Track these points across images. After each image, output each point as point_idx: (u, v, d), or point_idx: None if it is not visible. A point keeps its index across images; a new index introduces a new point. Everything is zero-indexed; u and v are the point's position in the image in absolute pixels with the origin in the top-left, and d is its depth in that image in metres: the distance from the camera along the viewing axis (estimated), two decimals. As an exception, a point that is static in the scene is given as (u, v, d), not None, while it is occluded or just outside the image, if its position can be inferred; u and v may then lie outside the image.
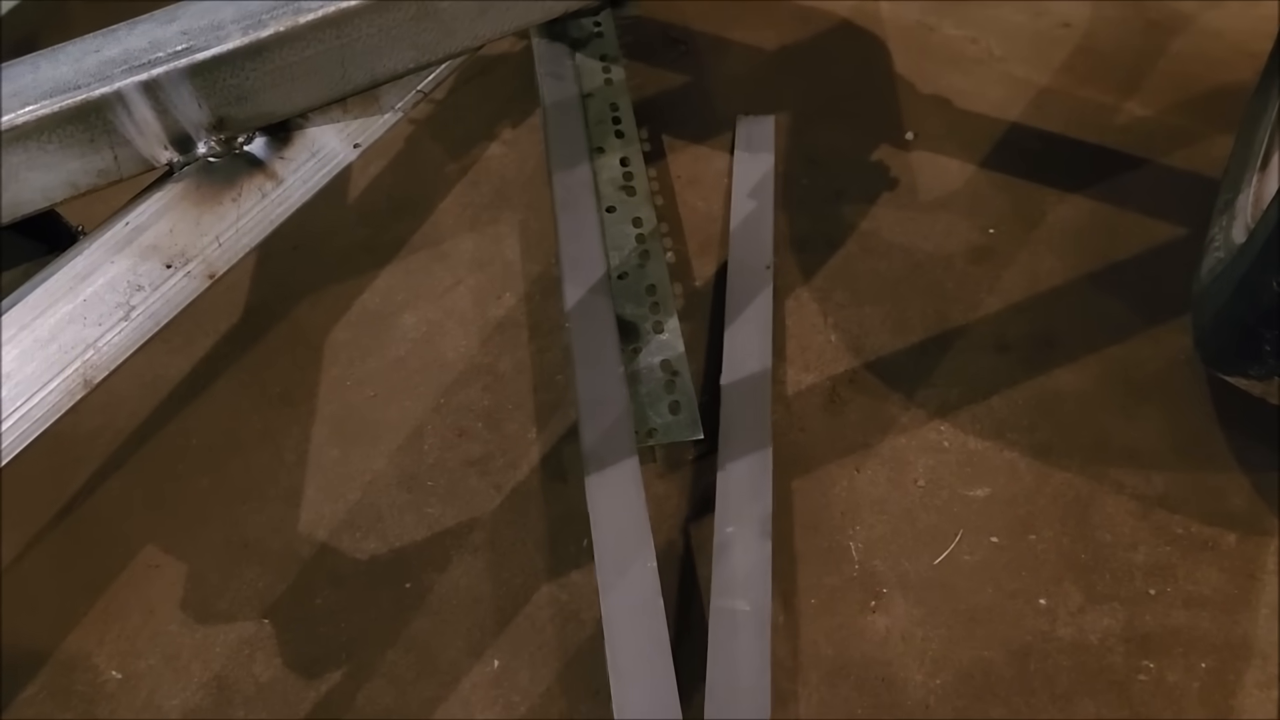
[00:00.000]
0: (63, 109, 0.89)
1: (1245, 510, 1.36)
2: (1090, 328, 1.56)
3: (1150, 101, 1.88)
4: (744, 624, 1.19)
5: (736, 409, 1.38)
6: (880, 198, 1.74)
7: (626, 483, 1.26)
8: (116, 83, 0.89)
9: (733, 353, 1.46)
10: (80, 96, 0.89)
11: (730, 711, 1.13)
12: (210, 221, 0.97)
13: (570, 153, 1.62)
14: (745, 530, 1.27)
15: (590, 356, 1.37)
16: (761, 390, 1.41)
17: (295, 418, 1.50)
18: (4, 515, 1.40)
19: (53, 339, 0.89)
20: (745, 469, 1.32)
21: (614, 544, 1.21)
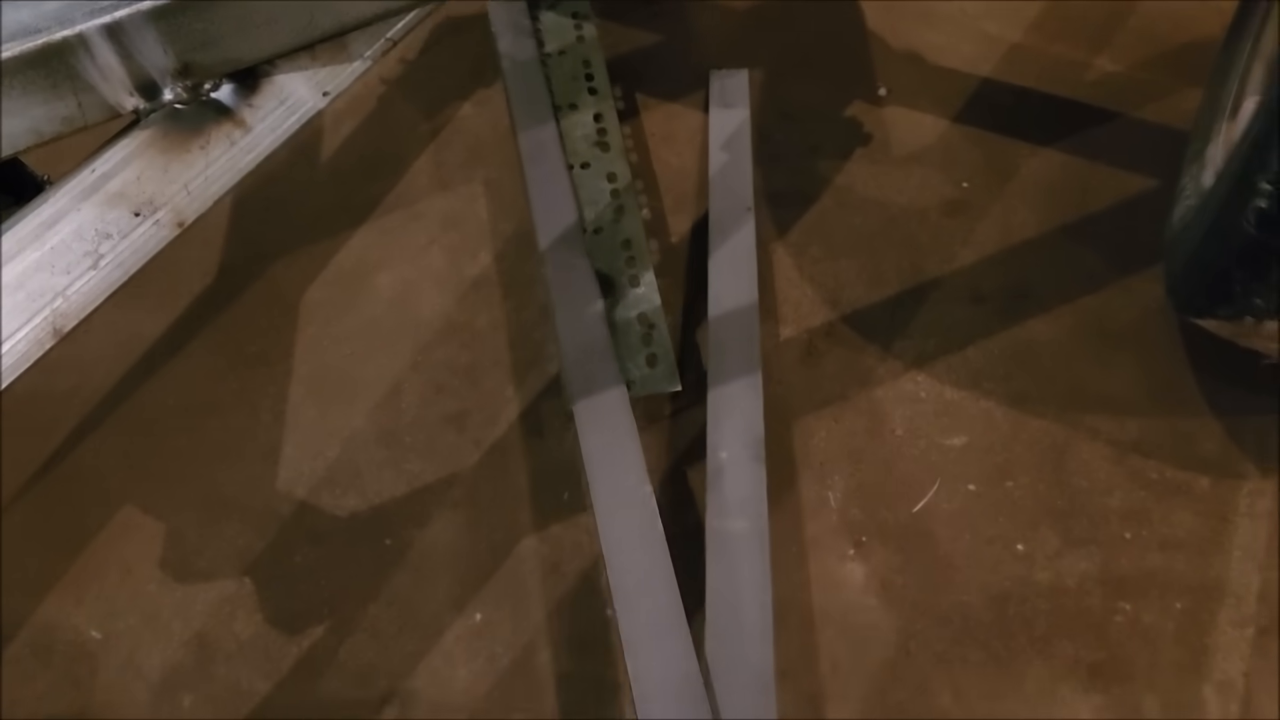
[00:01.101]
0: (23, 53, 0.87)
1: (1218, 454, 1.38)
2: (1064, 278, 1.56)
3: (1120, 57, 1.89)
4: (742, 543, 1.19)
5: (725, 338, 1.38)
6: (854, 153, 1.74)
7: (615, 410, 1.25)
8: (78, 25, 0.88)
9: (718, 284, 1.46)
10: (41, 40, 0.88)
11: (733, 629, 1.12)
12: (178, 169, 0.96)
13: (536, 107, 1.61)
14: (738, 454, 1.27)
15: (568, 299, 1.36)
16: (749, 319, 1.41)
17: (272, 377, 1.50)
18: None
19: (20, 286, 0.89)
20: (736, 395, 1.32)
21: (607, 468, 1.20)
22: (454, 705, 1.21)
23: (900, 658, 1.23)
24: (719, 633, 1.12)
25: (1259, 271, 1.08)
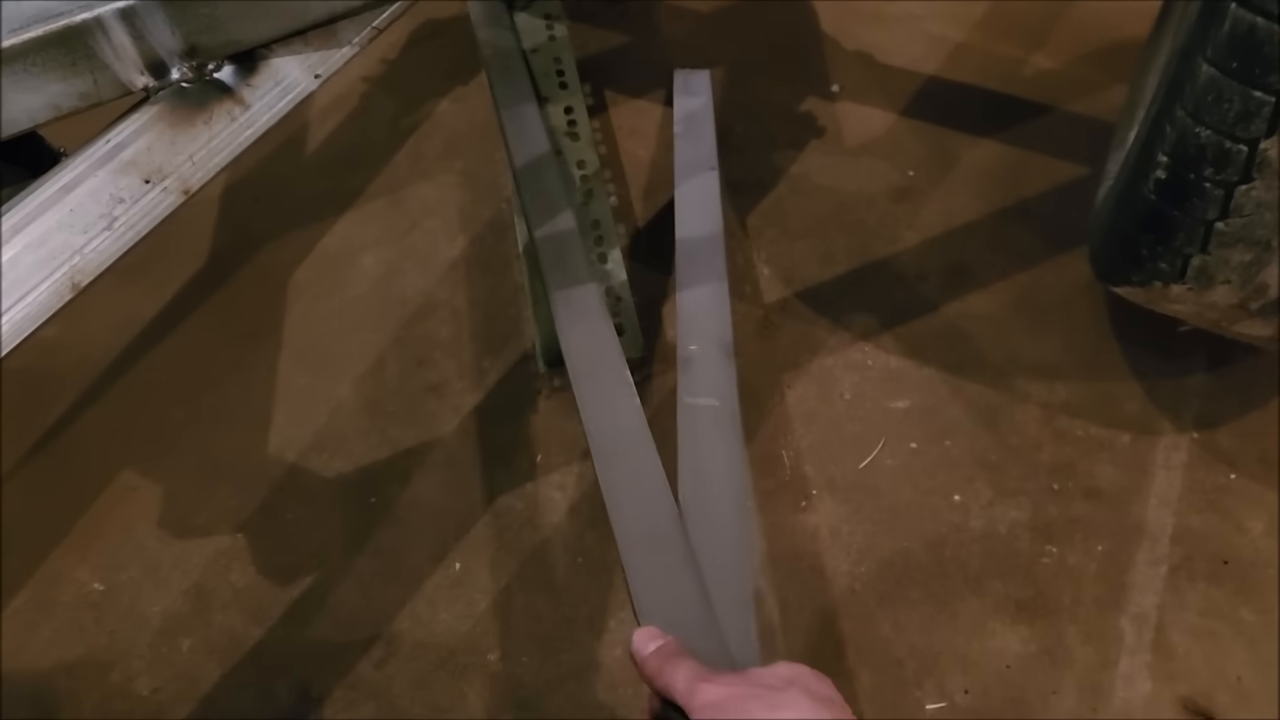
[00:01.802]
0: (46, 33, 0.97)
1: (1138, 413, 1.50)
2: (1000, 257, 1.69)
3: (1055, 55, 2.02)
4: (713, 418, 1.19)
5: (693, 252, 1.45)
6: (809, 145, 1.86)
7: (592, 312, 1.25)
8: (97, 9, 0.98)
9: (683, 207, 1.54)
10: (62, 22, 0.97)
11: (706, 496, 1.10)
12: (184, 141, 1.06)
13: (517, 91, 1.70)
14: (708, 347, 1.29)
15: (540, 204, 1.41)
16: (715, 235, 1.48)
17: (263, 351, 1.59)
18: (-17, 447, 1.47)
19: (43, 243, 0.98)
20: (703, 299, 1.36)
21: (589, 369, 1.19)
22: (436, 645, 1.30)
23: (846, 597, 1.34)
24: (693, 497, 1.09)
25: (1162, 237, 1.19)
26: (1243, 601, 1.32)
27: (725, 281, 1.41)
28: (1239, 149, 1.04)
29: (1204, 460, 1.45)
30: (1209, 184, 1.09)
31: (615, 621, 1.31)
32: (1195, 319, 1.34)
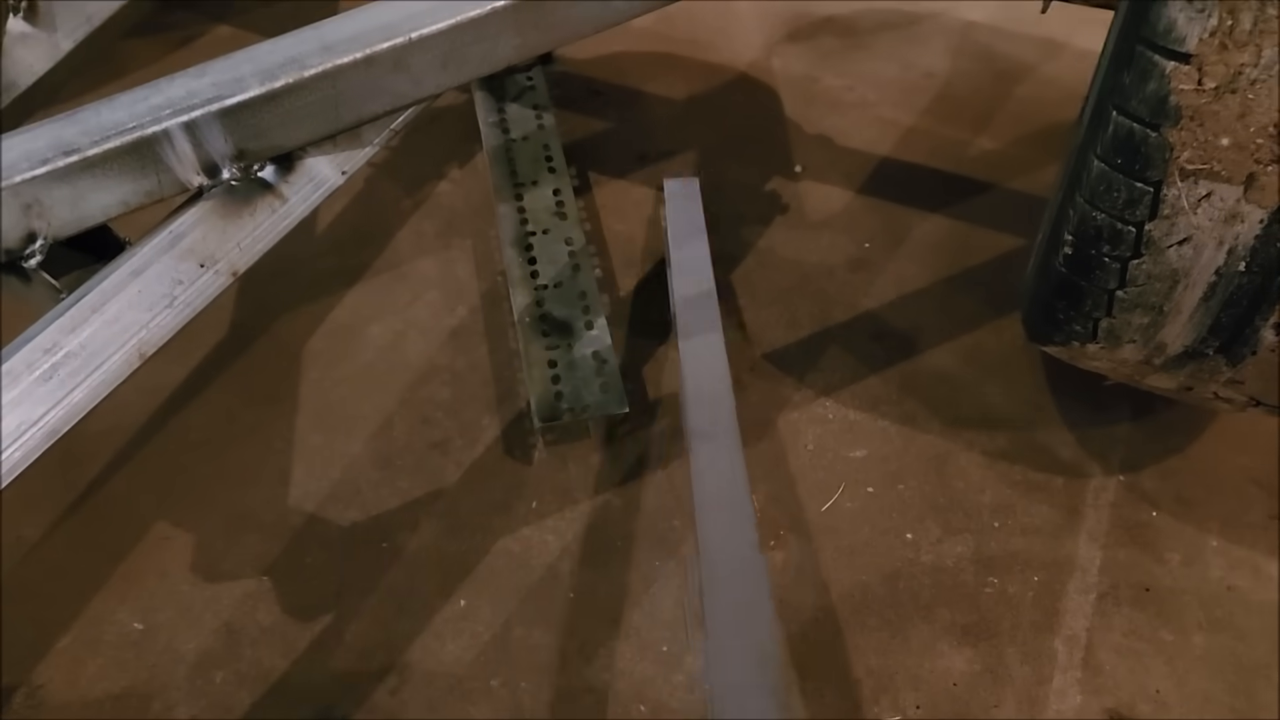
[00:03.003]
0: (123, 144, 1.15)
1: (1070, 459, 1.68)
2: (948, 321, 1.87)
3: (998, 136, 2.24)
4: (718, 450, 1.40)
5: (689, 317, 1.62)
6: (774, 220, 2.06)
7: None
8: (164, 123, 1.16)
9: (680, 286, 1.68)
10: (136, 134, 1.15)
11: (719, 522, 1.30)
12: (233, 231, 1.24)
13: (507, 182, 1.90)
14: (709, 385, 1.49)
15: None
16: (709, 302, 1.64)
17: (281, 414, 1.75)
18: (28, 503, 1.62)
19: (116, 320, 1.14)
20: (701, 349, 1.55)
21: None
22: (445, 673, 1.44)
23: (811, 624, 1.49)
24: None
25: (1074, 303, 1.38)
26: (1162, 624, 1.48)
27: (720, 332, 1.57)
28: (1129, 230, 1.23)
29: (1129, 500, 1.62)
30: (1107, 259, 1.28)
31: (605, 650, 1.46)
32: (1113, 374, 1.52)
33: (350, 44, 1.22)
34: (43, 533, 1.60)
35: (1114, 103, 1.18)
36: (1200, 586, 1.52)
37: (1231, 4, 1.04)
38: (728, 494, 1.33)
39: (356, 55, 1.21)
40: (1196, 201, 1.17)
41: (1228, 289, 1.23)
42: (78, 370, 1.11)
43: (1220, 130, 1.12)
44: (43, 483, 1.64)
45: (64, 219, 1.16)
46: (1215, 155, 1.13)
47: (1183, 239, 1.21)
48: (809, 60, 2.46)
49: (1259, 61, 1.06)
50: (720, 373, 1.51)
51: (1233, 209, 1.16)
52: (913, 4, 2.62)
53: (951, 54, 2.49)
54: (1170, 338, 1.34)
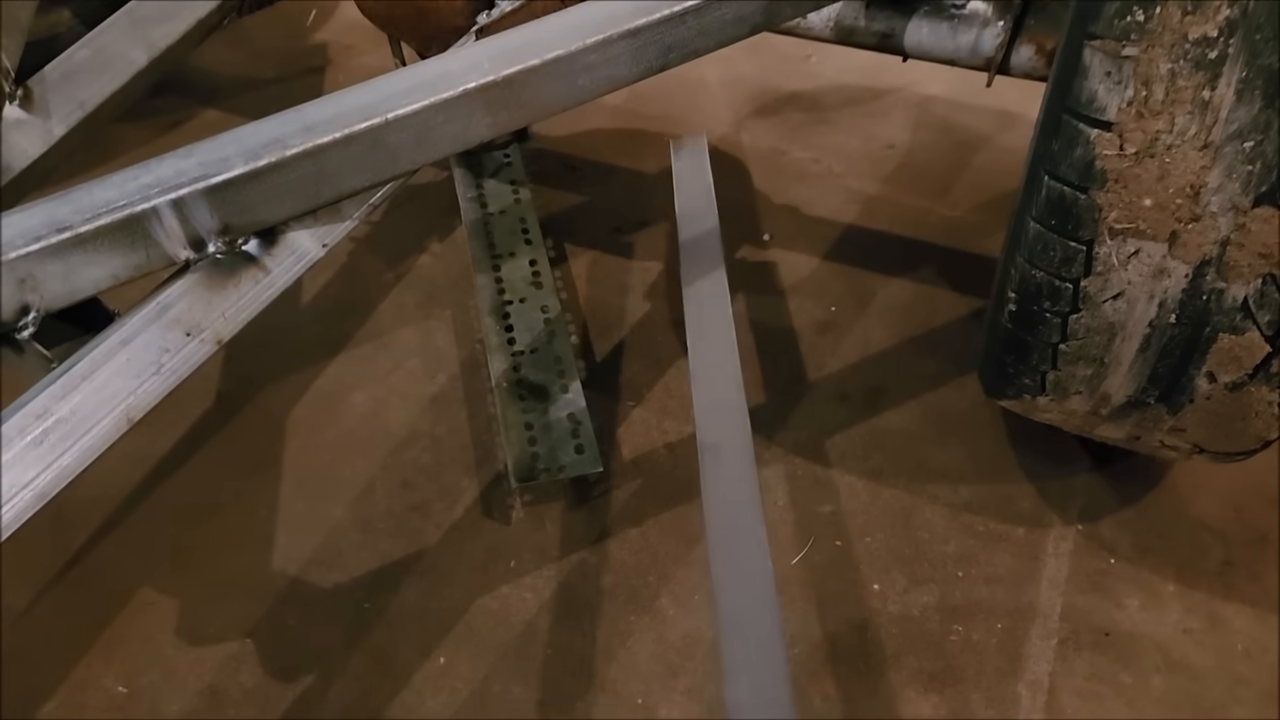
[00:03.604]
0: (113, 221, 1.21)
1: (1030, 510, 1.73)
2: (911, 380, 1.94)
3: (957, 204, 2.34)
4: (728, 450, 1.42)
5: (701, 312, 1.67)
6: (744, 286, 2.13)
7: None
8: (153, 201, 1.22)
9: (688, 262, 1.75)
10: (126, 212, 1.22)
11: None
12: (218, 302, 1.30)
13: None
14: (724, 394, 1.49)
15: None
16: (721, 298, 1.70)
17: (265, 481, 1.79)
18: (16, 572, 1.65)
19: (105, 387, 1.20)
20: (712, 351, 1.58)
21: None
22: (423, 731, 1.48)
23: (782, 675, 1.53)
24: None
25: (1022, 358, 1.45)
26: (1122, 667, 1.52)
27: (734, 347, 1.58)
28: (1066, 286, 1.31)
29: (1088, 548, 1.68)
30: (1048, 314, 1.35)
31: (582, 703, 1.49)
32: (1065, 425, 1.59)
33: (330, 125, 1.29)
34: (30, 600, 1.63)
35: (1045, 168, 1.26)
36: (1158, 630, 1.57)
37: (1145, 76, 1.13)
38: (739, 508, 1.38)
39: (336, 135, 1.28)
40: (1126, 258, 1.25)
41: (1161, 340, 1.31)
42: (68, 435, 1.16)
43: (1142, 192, 1.20)
44: (31, 552, 1.68)
45: (56, 292, 1.22)
46: (1140, 215, 1.21)
47: (1116, 294, 1.29)
48: (776, 134, 2.57)
49: (1173, 128, 1.15)
50: (729, 370, 1.53)
51: (1159, 264, 1.24)
52: (874, 80, 2.74)
53: (912, 126, 2.60)
54: (1113, 388, 1.41)
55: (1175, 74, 1.12)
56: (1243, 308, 1.23)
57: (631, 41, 1.41)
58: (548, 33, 1.41)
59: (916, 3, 1.71)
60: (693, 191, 1.87)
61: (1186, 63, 1.11)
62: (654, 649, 1.55)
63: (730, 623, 1.25)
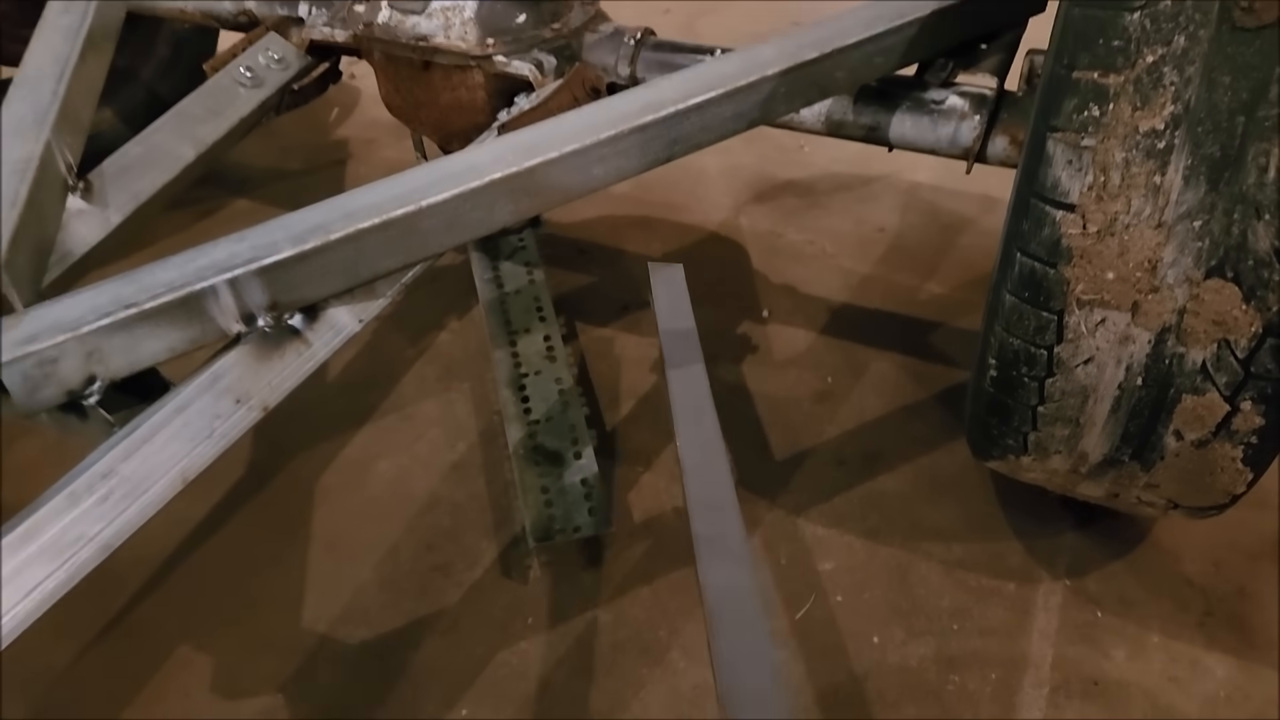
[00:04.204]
0: (174, 299, 1.33)
1: (1020, 566, 1.83)
2: (905, 445, 2.05)
3: (945, 282, 2.47)
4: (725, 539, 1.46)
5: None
6: (745, 359, 2.26)
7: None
8: (211, 280, 1.35)
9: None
10: (185, 290, 1.35)
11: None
12: (265, 372, 1.42)
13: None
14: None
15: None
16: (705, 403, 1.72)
17: (296, 544, 1.89)
18: (61, 630, 1.74)
19: (163, 449, 1.31)
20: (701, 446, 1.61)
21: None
22: (447, 780, 1.56)
23: (788, 724, 1.61)
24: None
25: (1004, 420, 1.56)
26: (1111, 714, 1.60)
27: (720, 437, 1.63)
28: (1041, 352, 1.43)
29: (1075, 602, 1.77)
30: (1026, 379, 1.47)
31: (597, 753, 1.57)
32: (1049, 484, 1.69)
33: (369, 211, 1.43)
34: (73, 657, 1.72)
35: (1018, 245, 1.39)
36: (1144, 679, 1.65)
37: (1103, 164, 1.27)
38: (737, 590, 1.43)
39: (375, 220, 1.42)
40: (1094, 326, 1.38)
41: (1130, 401, 1.42)
42: (129, 493, 1.26)
43: (1105, 266, 1.33)
44: (75, 612, 1.76)
45: (120, 363, 1.34)
46: (1104, 287, 1.34)
47: (1086, 359, 1.41)
48: (773, 218, 2.72)
49: (1130, 210, 1.28)
50: (721, 473, 1.57)
51: (1124, 332, 1.36)
52: (863, 168, 2.91)
53: (901, 210, 2.76)
54: (1090, 447, 1.52)
55: (1129, 162, 1.25)
56: (1202, 370, 1.35)
57: (640, 136, 1.56)
58: (565, 128, 1.56)
59: (899, 99, 1.86)
60: (673, 317, 1.94)
61: (1138, 152, 1.24)
62: (666, 699, 1.63)
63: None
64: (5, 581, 1.14)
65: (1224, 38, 1.16)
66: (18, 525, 1.18)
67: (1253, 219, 1.21)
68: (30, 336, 1.27)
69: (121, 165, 1.77)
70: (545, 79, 1.96)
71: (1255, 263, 1.23)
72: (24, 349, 1.25)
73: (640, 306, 2.42)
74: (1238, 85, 1.16)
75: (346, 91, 3.35)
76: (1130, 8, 1.19)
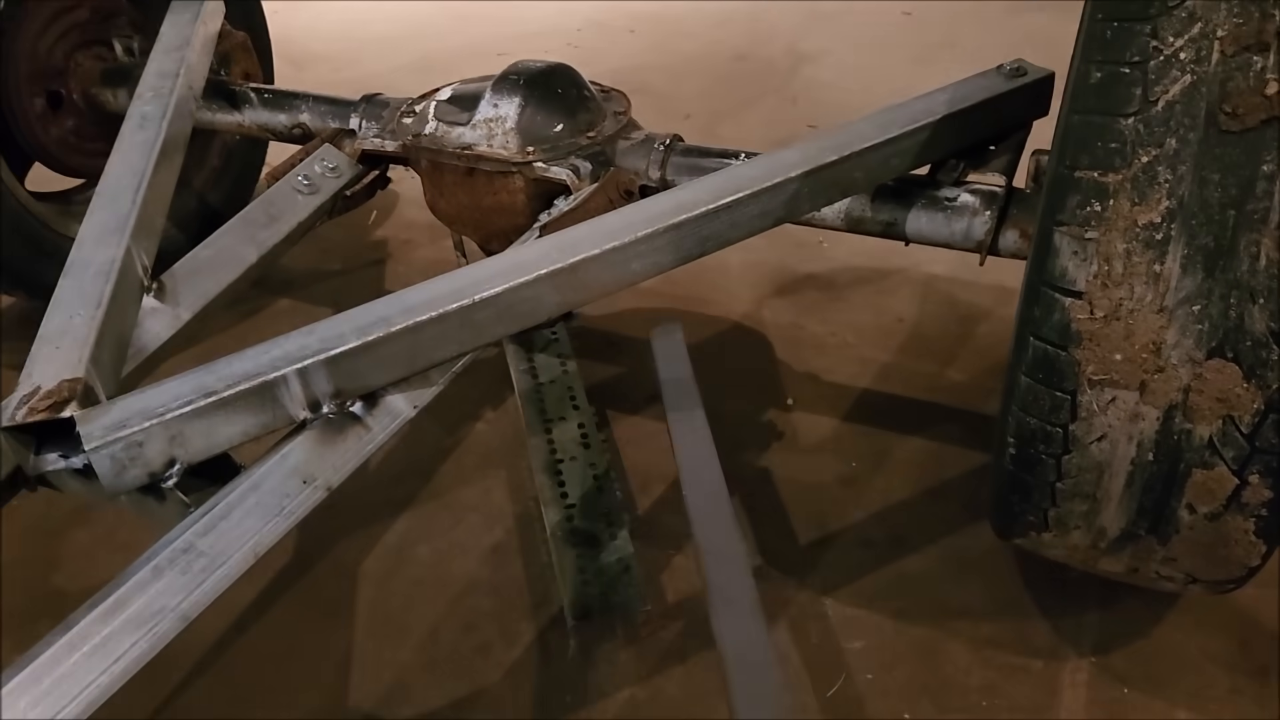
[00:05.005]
0: (249, 387, 1.45)
1: (1047, 644, 1.88)
2: (931, 526, 2.12)
3: (965, 370, 2.57)
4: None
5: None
6: (770, 446, 2.34)
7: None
8: (282, 370, 1.46)
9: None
10: (259, 379, 1.46)
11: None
12: (329, 454, 1.52)
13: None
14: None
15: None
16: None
17: (339, 626, 1.96)
18: (117, 710, 1.80)
19: (238, 525, 1.40)
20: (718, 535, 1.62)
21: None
22: None
23: (824, 798, 1.65)
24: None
25: (1024, 497, 1.64)
26: (1140, 787, 1.64)
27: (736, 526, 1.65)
28: (1056, 430, 1.52)
29: (1102, 679, 1.81)
30: (1044, 456, 1.55)
31: (638, 826, 1.61)
32: (1070, 561, 1.75)
33: (427, 305, 1.55)
34: (128, 738, 1.78)
35: (1030, 330, 1.49)
36: (1172, 753, 1.69)
37: (1106, 254, 1.38)
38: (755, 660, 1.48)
39: (432, 314, 1.54)
40: (1105, 405, 1.46)
41: (1143, 476, 1.50)
42: (207, 566, 1.35)
43: (1113, 348, 1.42)
44: (130, 693, 1.83)
45: (198, 447, 1.44)
46: (1112, 368, 1.43)
47: (1100, 436, 1.49)
48: (795, 311, 2.84)
49: (1133, 295, 1.38)
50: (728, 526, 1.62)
51: (1134, 410, 1.45)
52: (882, 262, 3.04)
53: (919, 301, 2.87)
54: (1108, 522, 1.59)
55: (1130, 252, 1.36)
56: (1209, 445, 1.43)
57: (675, 234, 1.68)
58: (604, 227, 1.69)
59: (914, 196, 1.99)
60: (675, 375, 1.99)
61: (1138, 243, 1.35)
62: (703, 775, 1.68)
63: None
64: (96, 650, 1.22)
65: (1211, 140, 1.28)
66: (106, 597, 1.27)
67: (1248, 303, 1.31)
68: (119, 423, 1.37)
69: (191, 267, 1.90)
70: (582, 183, 2.09)
71: (1253, 343, 1.32)
72: (113, 435, 1.36)
73: (669, 396, 2.52)
74: (1226, 182, 1.28)
75: (385, 195, 3.51)
76: (1125, 114, 1.31)
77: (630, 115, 2.27)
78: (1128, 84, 1.31)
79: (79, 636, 1.23)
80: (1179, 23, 1.28)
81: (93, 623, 1.25)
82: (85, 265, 1.70)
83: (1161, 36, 1.29)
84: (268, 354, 1.49)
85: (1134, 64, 1.31)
